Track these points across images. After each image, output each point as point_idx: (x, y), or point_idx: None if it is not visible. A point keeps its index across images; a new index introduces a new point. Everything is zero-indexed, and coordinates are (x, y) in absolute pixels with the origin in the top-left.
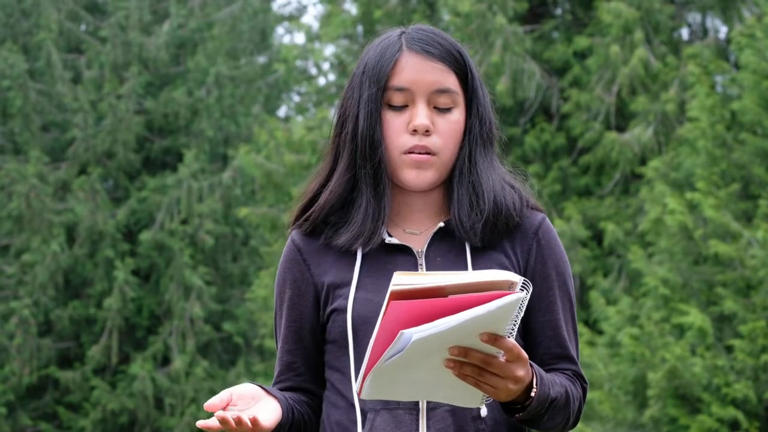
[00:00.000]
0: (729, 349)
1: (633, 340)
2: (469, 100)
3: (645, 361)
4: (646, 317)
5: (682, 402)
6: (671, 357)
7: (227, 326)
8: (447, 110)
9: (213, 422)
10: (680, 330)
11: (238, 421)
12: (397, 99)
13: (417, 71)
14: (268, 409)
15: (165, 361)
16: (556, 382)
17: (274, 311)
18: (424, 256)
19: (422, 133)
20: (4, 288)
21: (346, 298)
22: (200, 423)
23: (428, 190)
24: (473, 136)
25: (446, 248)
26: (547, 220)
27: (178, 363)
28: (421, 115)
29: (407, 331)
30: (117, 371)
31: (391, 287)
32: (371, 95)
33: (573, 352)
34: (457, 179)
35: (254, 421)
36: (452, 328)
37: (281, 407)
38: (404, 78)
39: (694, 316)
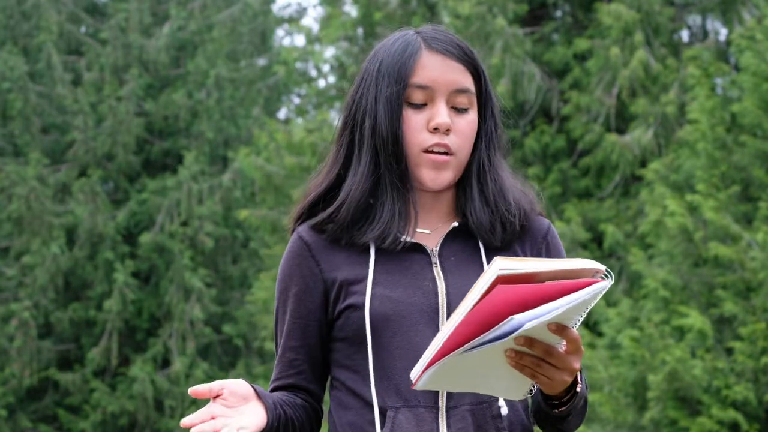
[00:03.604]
0: (729, 351)
1: (633, 342)
2: (484, 102)
3: (645, 363)
4: (647, 319)
5: (682, 404)
6: (671, 359)
7: (227, 328)
8: (464, 110)
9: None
10: (680, 332)
11: None
12: (418, 97)
13: (438, 70)
14: (253, 414)
15: (165, 363)
16: (582, 381)
17: (276, 308)
18: (437, 254)
19: (443, 132)
20: (4, 290)
21: (363, 294)
22: (185, 421)
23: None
24: (489, 137)
25: (459, 247)
26: (552, 225)
27: (178, 365)
28: (442, 113)
29: (518, 317)
30: (117, 373)
31: (498, 271)
32: (393, 92)
33: None
34: (476, 179)
35: None
36: (555, 316)
37: (267, 415)
38: (426, 76)
39: (694, 318)
